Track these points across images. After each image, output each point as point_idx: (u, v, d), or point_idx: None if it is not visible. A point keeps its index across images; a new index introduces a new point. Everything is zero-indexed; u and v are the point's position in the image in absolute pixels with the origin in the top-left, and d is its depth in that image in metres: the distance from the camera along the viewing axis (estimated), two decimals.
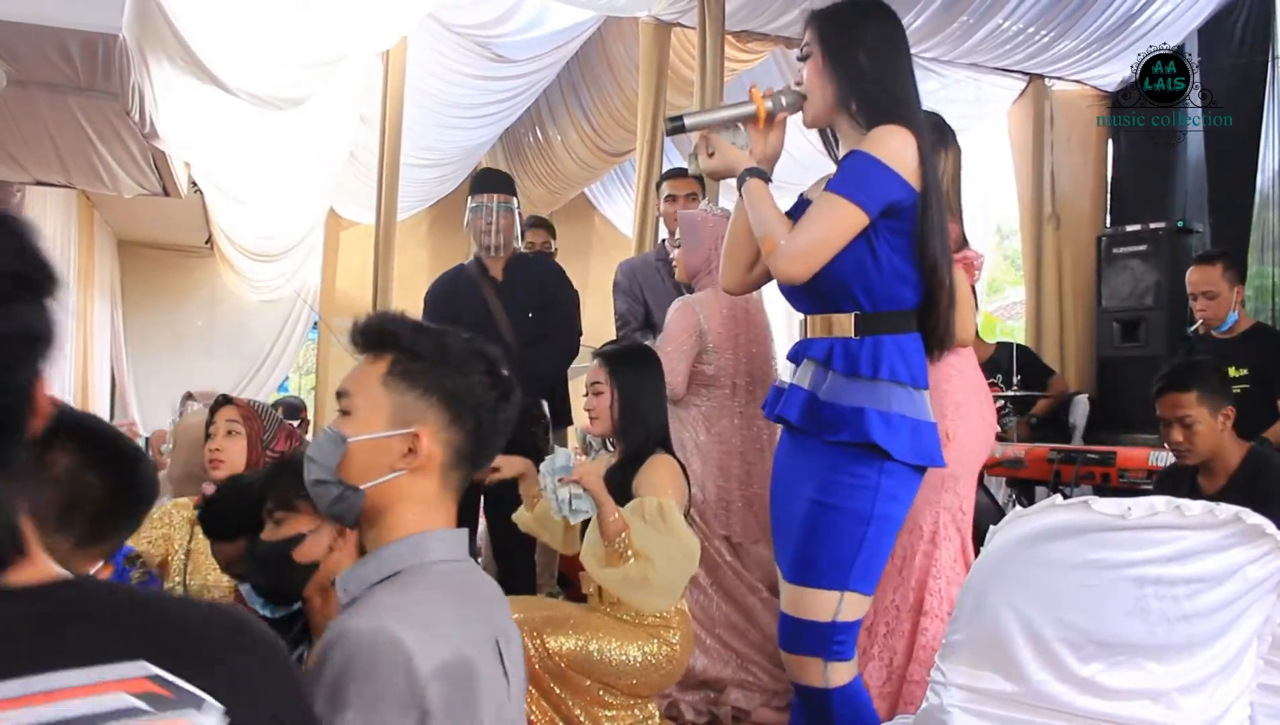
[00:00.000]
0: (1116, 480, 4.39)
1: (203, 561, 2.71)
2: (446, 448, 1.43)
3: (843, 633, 2.15)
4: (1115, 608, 1.65)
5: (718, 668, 3.36)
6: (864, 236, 2.12)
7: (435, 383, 1.43)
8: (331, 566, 1.94)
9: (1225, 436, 3.14)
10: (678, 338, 3.50)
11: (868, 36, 2.19)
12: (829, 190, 2.13)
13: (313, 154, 7.01)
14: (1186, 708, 1.69)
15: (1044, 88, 7.26)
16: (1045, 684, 1.69)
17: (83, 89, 5.43)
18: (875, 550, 2.16)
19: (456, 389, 1.43)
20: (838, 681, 2.15)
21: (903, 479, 2.15)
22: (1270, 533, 1.64)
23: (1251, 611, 1.69)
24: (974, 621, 1.75)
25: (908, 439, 2.13)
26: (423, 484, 1.43)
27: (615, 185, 9.34)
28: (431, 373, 1.43)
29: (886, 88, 2.18)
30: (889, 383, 2.13)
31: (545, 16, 6.50)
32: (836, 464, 2.15)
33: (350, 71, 6.05)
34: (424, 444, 1.41)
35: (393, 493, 1.42)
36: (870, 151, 2.09)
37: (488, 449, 1.48)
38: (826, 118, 2.25)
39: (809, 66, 2.23)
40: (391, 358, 1.44)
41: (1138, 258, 6.24)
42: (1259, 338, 4.34)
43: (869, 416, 2.10)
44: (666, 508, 2.65)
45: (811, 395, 2.20)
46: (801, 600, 2.16)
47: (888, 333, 2.15)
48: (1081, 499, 1.68)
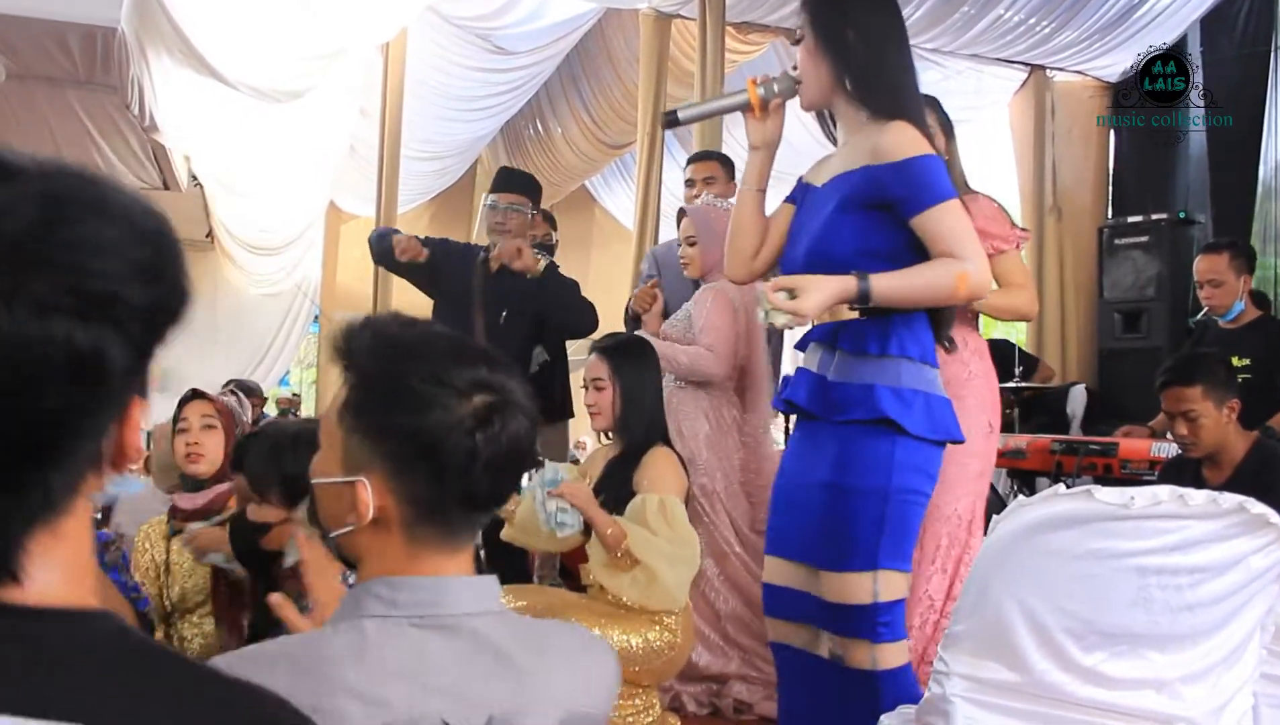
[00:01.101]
0: (1119, 471, 4.39)
1: (179, 573, 2.73)
2: (402, 501, 1.16)
3: (885, 613, 2.11)
4: (1118, 597, 1.64)
5: (721, 663, 3.36)
6: (865, 221, 2.11)
7: (381, 423, 1.16)
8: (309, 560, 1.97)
9: (1230, 429, 3.13)
10: (720, 324, 3.48)
11: (859, 15, 2.17)
12: (935, 203, 2.06)
13: (313, 147, 7.02)
14: (1189, 697, 1.69)
15: (1045, 79, 7.26)
16: (1048, 674, 1.68)
17: (82, 82, 5.44)
18: (901, 525, 2.13)
19: (406, 429, 1.14)
20: (886, 664, 2.12)
21: (921, 453, 2.12)
22: (1274, 522, 1.63)
23: (1255, 601, 1.68)
24: (976, 611, 1.74)
25: (922, 413, 2.10)
26: (389, 540, 1.17)
27: (616, 177, 9.32)
28: (382, 409, 1.16)
29: (881, 65, 2.16)
30: (898, 358, 2.11)
31: (545, 8, 6.49)
32: (849, 445, 2.11)
33: (350, 64, 6.05)
34: (362, 499, 1.15)
35: (360, 545, 1.19)
36: (920, 152, 2.08)
37: (472, 495, 1.17)
38: (823, 99, 2.23)
39: (802, 49, 2.21)
40: (350, 385, 1.19)
41: (1139, 249, 6.24)
42: (1264, 328, 4.33)
43: (879, 392, 2.08)
44: (669, 504, 2.64)
45: (820, 377, 2.18)
46: (840, 586, 2.14)
47: (893, 309, 2.13)
48: (1084, 488, 1.67)
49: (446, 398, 1.14)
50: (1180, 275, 6.07)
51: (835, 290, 2.06)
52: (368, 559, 1.19)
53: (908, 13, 5.98)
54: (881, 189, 2.10)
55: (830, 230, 2.15)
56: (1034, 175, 7.24)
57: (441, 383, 1.15)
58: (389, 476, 1.15)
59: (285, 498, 1.97)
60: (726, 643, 3.40)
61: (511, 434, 1.16)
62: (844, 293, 2.06)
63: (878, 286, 2.05)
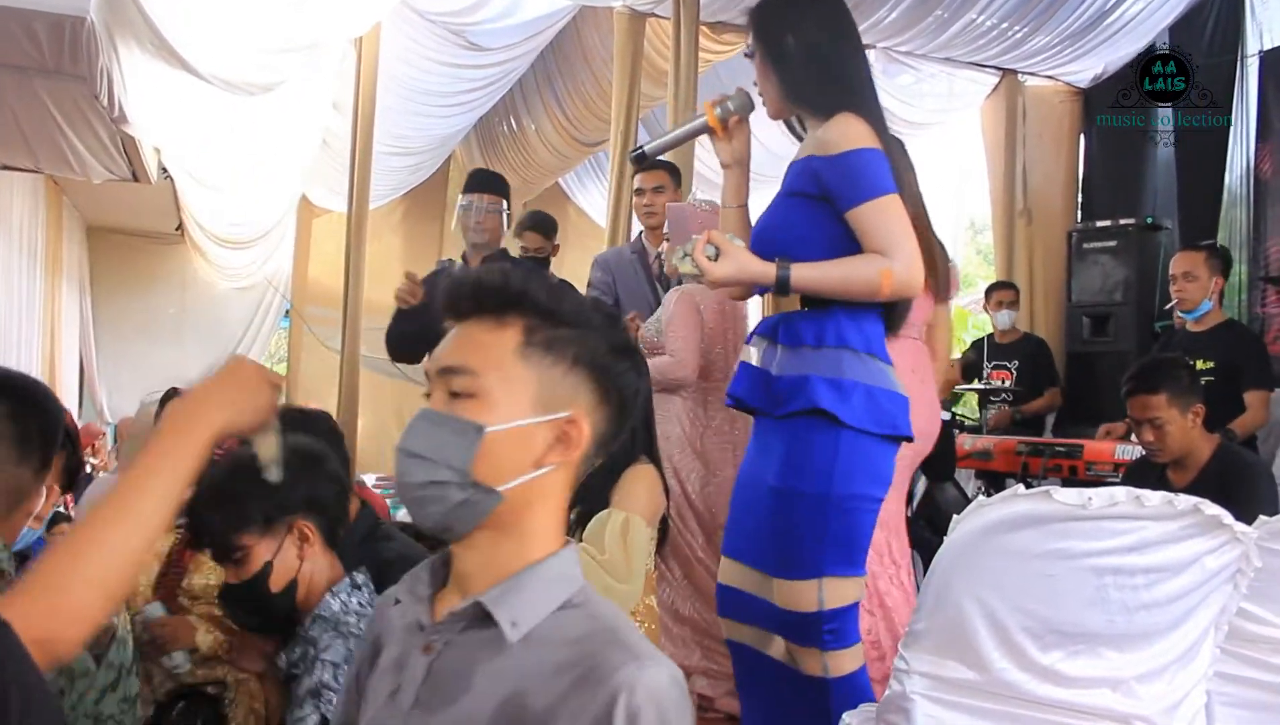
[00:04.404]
0: (1084, 473, 4.44)
1: None
2: (594, 432, 1.16)
3: (832, 620, 2.10)
4: (1075, 597, 1.66)
5: (683, 655, 3.37)
6: (806, 210, 2.11)
7: (583, 353, 1.15)
8: (306, 575, 1.87)
9: (1195, 433, 3.16)
10: (683, 328, 3.49)
11: (800, 22, 2.16)
12: (868, 199, 2.04)
13: (285, 140, 6.97)
14: (1145, 695, 1.71)
15: (1017, 83, 7.32)
16: (1006, 672, 1.70)
17: (50, 72, 5.37)
18: (848, 532, 2.10)
19: (603, 357, 1.16)
20: (839, 670, 2.12)
21: (865, 449, 2.08)
22: (1228, 523, 1.66)
23: (1209, 601, 1.70)
24: (937, 610, 1.76)
25: (861, 404, 2.05)
26: (563, 480, 1.17)
27: (589, 175, 9.31)
28: (577, 340, 1.15)
29: (823, 69, 2.16)
30: (836, 348, 2.08)
31: (519, 5, 6.48)
32: (794, 443, 2.09)
33: (323, 57, 6.01)
34: (583, 431, 1.15)
35: (532, 493, 1.14)
36: (860, 145, 2.06)
37: (621, 435, 1.21)
38: (784, 109, 2.24)
39: (755, 63, 2.22)
40: (524, 324, 1.14)
41: (1107, 253, 6.30)
42: (1228, 332, 4.40)
43: (813, 382, 2.05)
44: (633, 526, 2.56)
45: (764, 372, 2.17)
46: (788, 593, 2.12)
47: (837, 303, 2.10)
48: (1043, 489, 1.69)
49: (617, 332, 1.19)
50: (1147, 280, 6.14)
51: (752, 271, 2.07)
52: (534, 506, 1.14)
53: (880, 15, 6.02)
54: (819, 181, 2.09)
55: (774, 217, 2.17)
56: (1005, 179, 7.29)
57: (609, 317, 1.20)
58: (591, 407, 1.16)
59: (265, 523, 1.83)
60: (688, 638, 3.41)
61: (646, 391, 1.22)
62: (762, 276, 2.07)
63: (797, 275, 2.05)
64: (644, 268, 4.02)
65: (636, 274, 4.06)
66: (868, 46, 6.82)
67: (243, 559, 1.85)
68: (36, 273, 8.73)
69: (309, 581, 1.88)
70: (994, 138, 7.40)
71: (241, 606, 1.90)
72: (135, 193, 7.45)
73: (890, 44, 6.68)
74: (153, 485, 1.23)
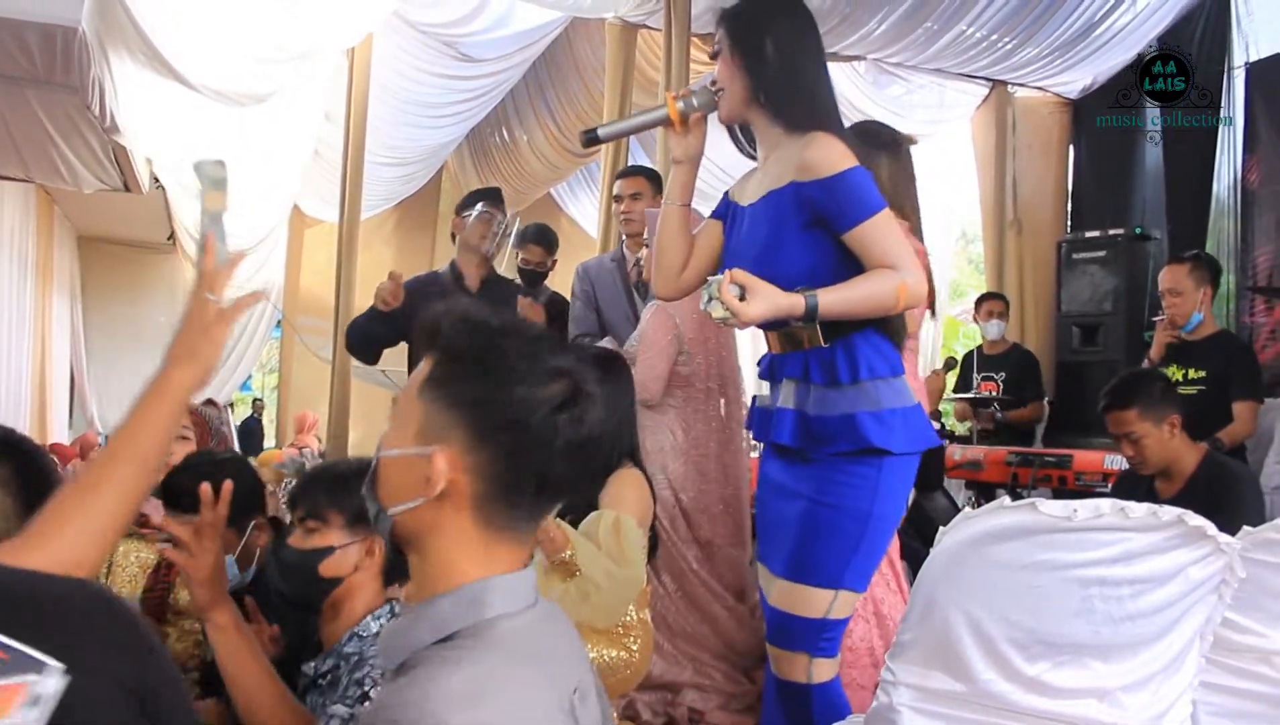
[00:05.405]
0: (1073, 483, 4.45)
1: (119, 574, 2.68)
2: (474, 475, 1.15)
3: (831, 629, 2.14)
4: (1061, 608, 1.67)
5: (674, 671, 3.36)
6: (806, 239, 2.11)
7: (465, 393, 1.16)
8: (353, 584, 1.91)
9: (1176, 443, 3.16)
10: (656, 340, 3.47)
11: (775, 29, 2.16)
12: (871, 215, 2.05)
13: (277, 151, 6.97)
14: (1130, 706, 1.71)
15: (1007, 94, 7.36)
16: (992, 683, 1.71)
17: (41, 82, 5.37)
18: (872, 548, 2.15)
19: (490, 400, 1.15)
20: (820, 678, 2.15)
21: (903, 470, 2.15)
22: (1211, 534, 1.66)
23: (1194, 611, 1.71)
24: (923, 621, 1.76)
25: (902, 430, 2.11)
26: (455, 518, 1.17)
27: (581, 185, 9.34)
28: (464, 380, 1.17)
29: (796, 79, 2.15)
30: (871, 381, 2.11)
31: (511, 16, 6.50)
32: (835, 469, 2.12)
33: (315, 68, 6.02)
34: (437, 468, 1.14)
35: (422, 523, 1.17)
36: (847, 166, 2.07)
37: (545, 477, 1.18)
38: (740, 113, 2.22)
39: (720, 62, 2.20)
40: (433, 360, 1.20)
41: (1097, 263, 6.33)
42: (1220, 343, 4.41)
43: (862, 421, 2.08)
44: (624, 524, 2.59)
45: (799, 413, 2.17)
46: (794, 596, 2.15)
47: (853, 331, 2.12)
48: (1029, 500, 1.70)
49: (535, 375, 1.16)
50: (1137, 290, 6.16)
51: (784, 306, 2.03)
52: (429, 538, 1.18)
53: (870, 27, 6.06)
54: (813, 206, 2.09)
55: (774, 253, 2.13)
56: (995, 189, 7.33)
57: (533, 359, 1.17)
58: (466, 449, 1.15)
59: (353, 519, 1.90)
60: (680, 652, 3.41)
61: (591, 424, 1.18)
62: (792, 309, 2.03)
63: (824, 302, 2.04)
64: (622, 276, 3.99)
65: (615, 282, 4.04)
66: (858, 58, 6.90)
67: (315, 529, 1.92)
68: (27, 282, 8.72)
69: (352, 590, 1.91)
70: (984, 148, 7.43)
71: (284, 567, 1.95)
72: (127, 202, 7.46)
73: (880, 55, 6.71)
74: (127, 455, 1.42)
